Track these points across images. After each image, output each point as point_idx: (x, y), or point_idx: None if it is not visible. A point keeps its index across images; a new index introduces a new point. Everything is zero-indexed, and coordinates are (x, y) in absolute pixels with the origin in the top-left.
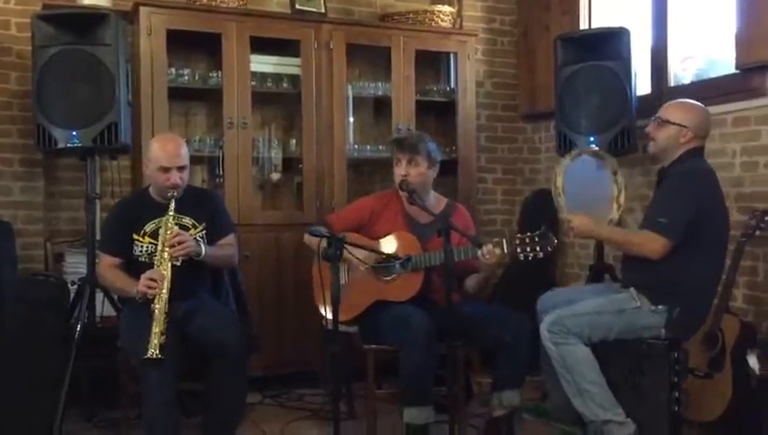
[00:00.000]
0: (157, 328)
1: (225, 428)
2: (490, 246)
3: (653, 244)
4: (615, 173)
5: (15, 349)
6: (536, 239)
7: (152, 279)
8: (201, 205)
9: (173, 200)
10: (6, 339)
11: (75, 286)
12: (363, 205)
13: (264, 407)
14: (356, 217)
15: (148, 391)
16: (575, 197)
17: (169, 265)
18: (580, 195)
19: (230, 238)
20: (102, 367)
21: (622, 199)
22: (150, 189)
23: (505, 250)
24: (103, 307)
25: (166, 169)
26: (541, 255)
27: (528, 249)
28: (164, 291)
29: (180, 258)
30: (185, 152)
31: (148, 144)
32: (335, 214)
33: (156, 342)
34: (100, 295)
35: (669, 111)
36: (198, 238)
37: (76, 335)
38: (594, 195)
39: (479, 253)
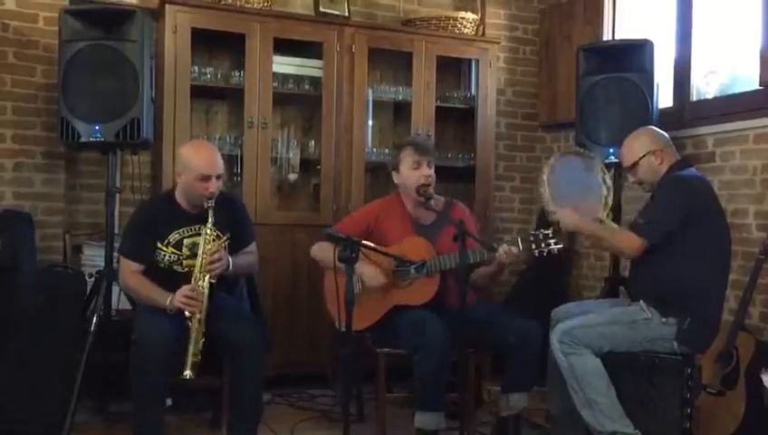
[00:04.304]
0: (193, 348)
1: (248, 423)
2: (506, 246)
3: (629, 242)
4: (604, 173)
5: (31, 338)
6: (549, 235)
7: (191, 297)
8: (224, 213)
9: (211, 212)
10: (23, 328)
11: (92, 279)
12: (369, 210)
13: (274, 406)
14: (363, 223)
15: (147, 387)
16: (564, 197)
17: (208, 282)
18: (568, 195)
19: (252, 247)
20: (116, 360)
21: (610, 199)
22: (177, 195)
23: (521, 247)
24: (119, 300)
25: (206, 178)
26: (555, 250)
27: (543, 245)
28: (202, 310)
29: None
30: (221, 159)
31: (178, 153)
32: (340, 223)
33: (192, 361)
34: (116, 289)
35: (626, 156)
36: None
37: (92, 327)
38: (582, 195)
39: (498, 253)
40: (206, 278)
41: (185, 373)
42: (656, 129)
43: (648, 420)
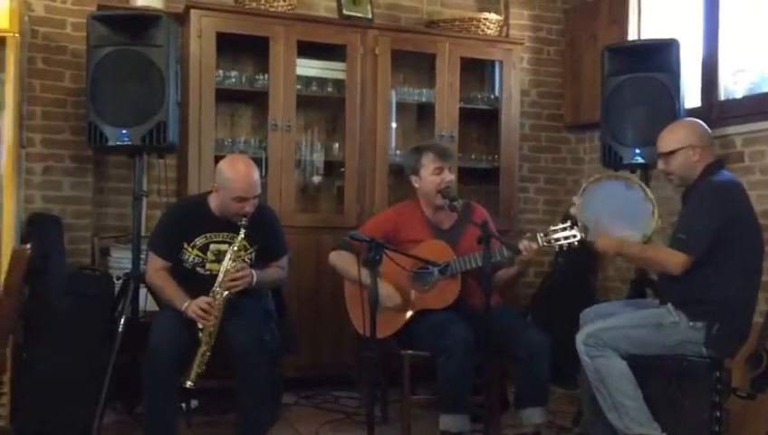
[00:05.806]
0: (199, 359)
1: (253, 426)
2: (526, 242)
3: (672, 259)
4: (644, 189)
5: (61, 340)
6: (568, 229)
7: (205, 310)
8: (256, 226)
9: (243, 230)
10: (53, 330)
11: (120, 281)
12: (386, 217)
13: (299, 408)
14: (379, 232)
15: (154, 388)
16: (608, 223)
17: (225, 298)
18: (613, 221)
19: (283, 261)
20: (144, 361)
21: (657, 213)
22: (211, 201)
23: (540, 243)
24: (146, 302)
25: (243, 199)
26: (576, 243)
27: (562, 239)
28: (215, 324)
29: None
30: (258, 178)
31: (219, 168)
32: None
33: (196, 371)
34: (143, 291)
35: (666, 141)
36: (246, 261)
37: (120, 329)
38: (628, 217)
39: (519, 246)
40: (225, 294)
41: (186, 383)
42: (704, 125)
43: (677, 423)
